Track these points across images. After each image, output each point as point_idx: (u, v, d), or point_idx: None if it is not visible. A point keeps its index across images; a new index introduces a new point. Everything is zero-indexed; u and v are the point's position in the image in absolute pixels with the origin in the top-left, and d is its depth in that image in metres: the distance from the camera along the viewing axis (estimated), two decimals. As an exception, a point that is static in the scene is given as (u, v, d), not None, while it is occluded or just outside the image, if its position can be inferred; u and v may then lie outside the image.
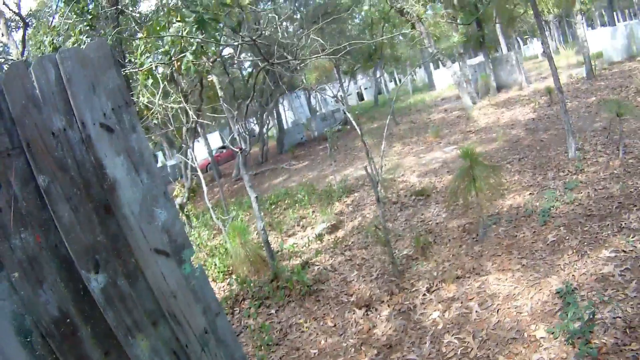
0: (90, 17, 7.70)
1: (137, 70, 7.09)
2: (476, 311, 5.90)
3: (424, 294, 6.74)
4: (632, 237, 6.48)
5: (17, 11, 14.13)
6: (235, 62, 22.28)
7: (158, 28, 6.27)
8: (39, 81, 1.93)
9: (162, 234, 2.29)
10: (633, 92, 16.30)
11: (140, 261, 2.19)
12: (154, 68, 7.11)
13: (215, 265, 9.73)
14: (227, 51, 15.48)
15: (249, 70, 28.03)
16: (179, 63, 6.51)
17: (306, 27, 20.80)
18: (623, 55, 26.11)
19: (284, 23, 20.20)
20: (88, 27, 7.74)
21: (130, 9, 10.76)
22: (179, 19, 6.07)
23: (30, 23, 13.71)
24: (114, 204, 2.11)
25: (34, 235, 1.90)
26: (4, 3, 13.68)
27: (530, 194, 9.53)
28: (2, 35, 13.68)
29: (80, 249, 1.99)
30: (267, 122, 31.16)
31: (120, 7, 9.30)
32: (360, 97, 64.33)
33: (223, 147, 36.02)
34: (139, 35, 7.34)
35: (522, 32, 58.19)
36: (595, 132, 12.54)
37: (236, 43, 7.91)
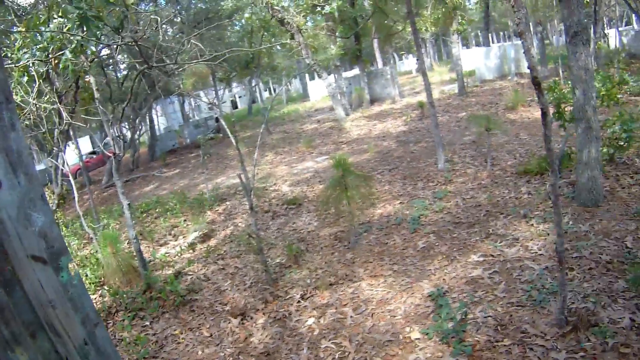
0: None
1: (12, 66, 6.70)
2: (351, 316, 6.08)
3: (299, 301, 6.85)
4: (500, 243, 6.98)
5: None
6: (111, 62, 21.50)
7: (38, 22, 5.97)
8: None
9: (39, 239, 2.19)
10: (502, 108, 17.48)
11: (17, 268, 2.08)
12: (30, 65, 6.74)
13: (87, 276, 9.26)
14: (104, 51, 14.92)
15: (124, 72, 27.14)
16: (56, 61, 6.22)
17: (186, 31, 20.47)
18: (495, 74, 27.89)
19: (164, 26, 19.80)
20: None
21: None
22: (60, 14, 5.81)
23: None
24: (-10, 206, 2.00)
25: None
26: None
27: (401, 203, 9.93)
28: None
29: (-47, 256, 1.88)
30: (140, 127, 30.30)
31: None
32: (234, 105, 63.91)
33: (93, 153, 34.56)
34: (17, 28, 6.93)
35: (399, 47, 60.34)
36: (465, 145, 13.29)
37: (119, 43, 7.66)
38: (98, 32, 6.00)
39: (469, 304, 5.59)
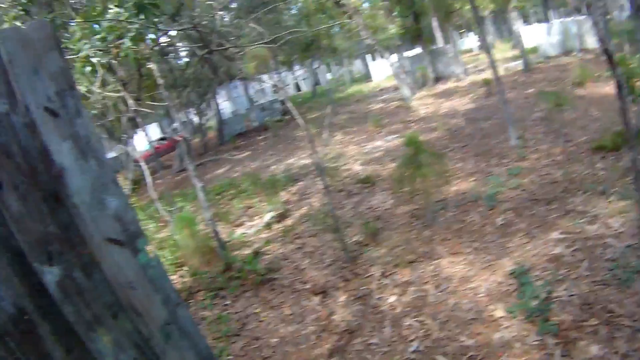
0: (24, 1, 7.34)
1: (73, 57, 6.79)
2: (433, 294, 5.92)
3: (379, 279, 6.72)
4: (580, 220, 6.64)
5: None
6: (172, 50, 21.79)
7: (94, 13, 6.02)
8: (-22, 64, 1.76)
9: (114, 222, 2.13)
10: (569, 84, 16.73)
11: (95, 252, 2.04)
12: (91, 55, 6.81)
13: (165, 258, 9.44)
14: (164, 39, 15.14)
15: (186, 59, 27.58)
16: (117, 50, 6.27)
17: (243, 16, 20.54)
18: (558, 50, 27.01)
19: (220, 12, 19.98)
20: (22, 12, 7.38)
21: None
22: (116, 3, 5.82)
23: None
24: (63, 192, 1.94)
25: (-18, 229, 1.73)
26: None
27: (475, 180, 9.66)
28: None
29: (32, 240, 1.83)
30: (207, 112, 30.75)
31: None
32: (298, 88, 64.18)
33: (163, 139, 35.28)
34: (75, 22, 7.03)
35: (458, 26, 59.14)
36: (535, 122, 12.84)
37: (176, 29, 7.68)
38: (156, 20, 6.00)
39: (552, 282, 5.32)
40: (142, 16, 5.64)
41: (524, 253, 6.27)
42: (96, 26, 6.43)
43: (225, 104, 45.83)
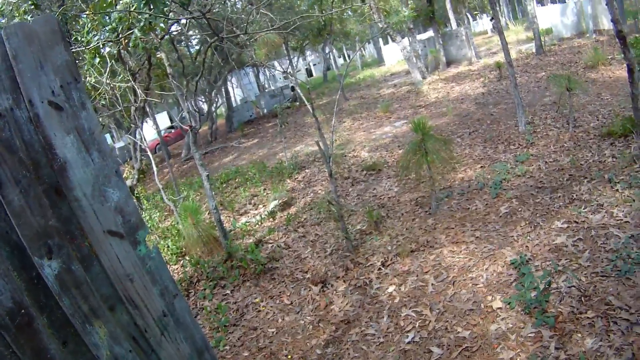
0: (34, -5, 7.36)
1: (83, 49, 6.85)
2: (432, 284, 5.95)
3: (379, 269, 6.77)
4: (584, 208, 6.63)
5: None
6: (183, 39, 21.76)
7: (105, 5, 6.06)
8: (-18, 60, 1.82)
9: (115, 214, 2.20)
10: (582, 67, 16.62)
11: (94, 244, 2.11)
12: (101, 46, 6.86)
13: (168, 247, 9.54)
14: (174, 28, 15.15)
15: (197, 47, 27.58)
16: (126, 40, 6.31)
17: (255, 2, 20.49)
18: (572, 31, 26.62)
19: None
20: (33, 7, 7.40)
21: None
22: (127, -7, 5.86)
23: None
24: (65, 185, 2.01)
25: (-17, 223, 1.80)
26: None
27: (482, 167, 9.66)
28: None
29: (32, 234, 1.90)
30: (216, 100, 30.75)
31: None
32: (309, 73, 63.99)
33: (171, 127, 35.48)
34: (85, 14, 7.06)
35: (472, 7, 58.61)
36: (545, 107, 12.78)
37: (186, 17, 7.70)
38: (165, 9, 6.02)
39: (552, 272, 5.35)
40: (151, 6, 5.68)
41: (526, 243, 6.29)
42: (106, 18, 6.47)
43: (235, 91, 45.79)
